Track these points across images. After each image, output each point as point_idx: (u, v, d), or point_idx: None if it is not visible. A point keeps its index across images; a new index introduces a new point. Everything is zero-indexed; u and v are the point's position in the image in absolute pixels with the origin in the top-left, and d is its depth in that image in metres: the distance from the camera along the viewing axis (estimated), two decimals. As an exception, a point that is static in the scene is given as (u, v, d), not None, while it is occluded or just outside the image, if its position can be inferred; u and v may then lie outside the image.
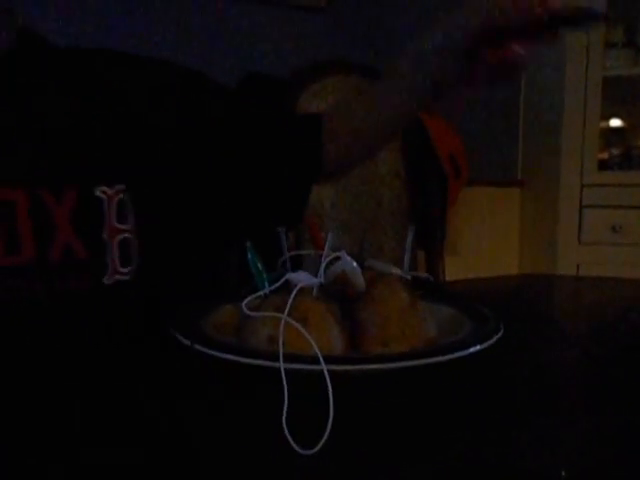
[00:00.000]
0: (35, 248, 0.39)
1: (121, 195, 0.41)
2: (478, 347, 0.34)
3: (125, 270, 0.42)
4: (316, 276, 0.36)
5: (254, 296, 0.37)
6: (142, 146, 0.44)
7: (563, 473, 0.24)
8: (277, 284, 0.37)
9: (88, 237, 0.40)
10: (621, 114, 1.70)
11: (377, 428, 0.29)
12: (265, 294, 0.37)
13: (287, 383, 0.29)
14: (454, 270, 1.31)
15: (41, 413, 0.30)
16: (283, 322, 0.32)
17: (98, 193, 0.41)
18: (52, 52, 0.45)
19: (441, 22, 0.38)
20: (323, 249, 0.37)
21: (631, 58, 1.55)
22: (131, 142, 0.44)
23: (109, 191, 0.41)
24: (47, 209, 0.39)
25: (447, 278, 1.13)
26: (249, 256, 0.37)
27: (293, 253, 0.40)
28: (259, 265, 0.38)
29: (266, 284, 0.37)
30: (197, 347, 0.33)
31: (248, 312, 0.35)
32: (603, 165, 1.61)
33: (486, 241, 1.73)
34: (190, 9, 1.27)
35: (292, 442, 0.25)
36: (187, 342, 0.34)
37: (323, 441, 0.25)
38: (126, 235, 0.42)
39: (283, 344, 0.31)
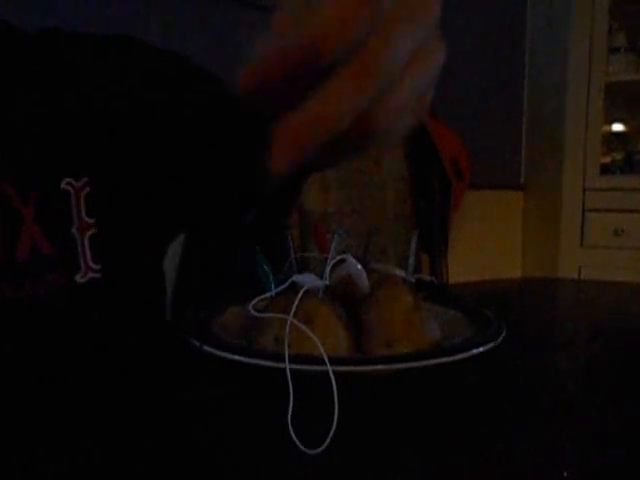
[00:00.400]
0: (0, 246, 0.35)
1: (88, 188, 0.39)
2: (481, 349, 0.34)
3: (97, 267, 0.39)
4: (322, 278, 0.37)
5: (261, 298, 0.37)
6: (110, 133, 0.41)
7: (565, 474, 0.24)
8: (283, 286, 0.37)
9: (55, 233, 0.37)
10: (623, 119, 1.70)
11: (381, 428, 0.29)
12: (271, 296, 0.38)
13: (293, 383, 0.29)
14: (457, 273, 1.31)
15: (43, 414, 0.30)
16: (289, 323, 0.32)
17: (64, 185, 0.38)
18: (19, 38, 0.42)
19: None
20: (328, 252, 0.38)
21: (634, 63, 1.56)
22: (99, 129, 0.41)
23: (76, 184, 0.38)
24: (11, 204, 0.36)
25: (450, 281, 1.13)
26: (256, 258, 0.38)
27: (299, 255, 0.40)
28: (266, 267, 0.38)
29: (272, 286, 0.38)
30: (206, 348, 0.33)
31: (255, 313, 0.36)
32: (605, 169, 1.61)
33: (489, 244, 1.73)
34: (187, 12, 1.27)
35: (297, 442, 0.26)
36: (196, 343, 0.34)
37: (328, 441, 0.25)
38: (95, 229, 0.39)
39: (289, 345, 0.31)
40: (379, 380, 0.34)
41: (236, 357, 0.32)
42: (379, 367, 0.32)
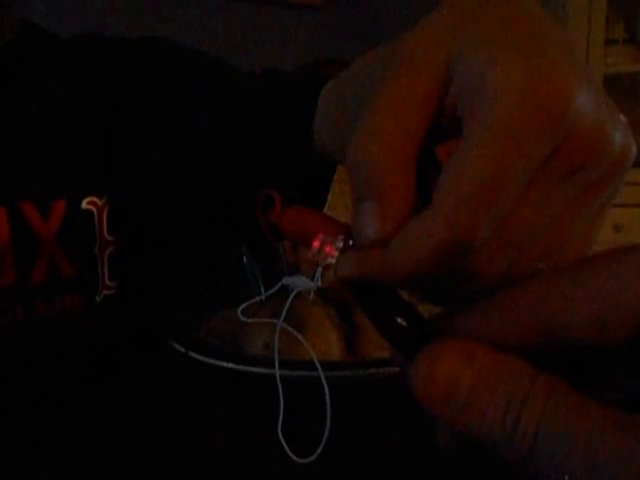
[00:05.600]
0: (17, 269, 0.35)
1: (108, 206, 0.38)
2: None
3: (112, 284, 0.39)
4: (313, 280, 0.36)
5: (250, 302, 0.37)
6: (141, 147, 0.40)
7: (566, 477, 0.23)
8: (273, 289, 0.37)
9: (77, 253, 0.37)
10: (622, 111, 1.67)
11: (375, 434, 0.28)
12: (261, 299, 0.37)
13: (283, 390, 0.28)
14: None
15: (38, 422, 0.29)
16: (279, 328, 0.31)
17: (85, 205, 0.37)
18: (54, 44, 0.41)
19: None
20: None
21: (632, 55, 1.54)
22: (128, 141, 0.40)
23: (99, 202, 0.38)
24: (31, 225, 0.35)
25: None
26: (245, 260, 0.37)
27: (289, 256, 0.39)
28: (255, 269, 0.37)
29: (262, 289, 0.37)
30: (192, 354, 0.33)
31: (244, 318, 0.35)
32: (605, 163, 1.59)
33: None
34: (183, 8, 1.27)
35: (288, 450, 0.25)
36: (182, 349, 0.33)
37: (320, 449, 0.24)
38: (113, 247, 0.38)
39: (279, 350, 0.30)
40: (373, 384, 0.33)
41: (224, 364, 0.31)
42: (373, 371, 0.31)
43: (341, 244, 0.17)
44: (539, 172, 0.14)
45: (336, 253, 0.17)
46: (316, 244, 0.17)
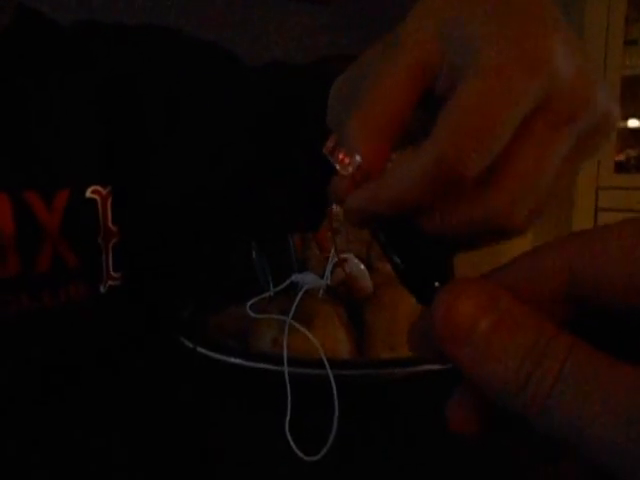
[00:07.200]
0: (20, 259, 0.35)
1: (112, 195, 0.38)
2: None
3: (117, 275, 0.38)
4: (322, 278, 0.36)
5: (259, 298, 0.36)
6: (145, 136, 0.40)
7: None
8: (282, 285, 0.36)
9: (81, 243, 0.37)
10: (639, 114, 1.66)
11: (382, 434, 0.28)
12: (270, 296, 0.37)
13: (291, 387, 0.28)
14: (464, 273, 1.29)
15: (43, 417, 0.29)
16: (288, 325, 0.31)
17: (89, 194, 0.37)
18: (55, 31, 0.41)
19: None
20: (329, 250, 0.36)
21: (651, 57, 1.52)
22: (138, 132, 0.40)
23: (103, 191, 0.38)
24: (35, 214, 0.35)
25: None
26: (254, 256, 0.37)
27: (299, 253, 0.39)
28: (264, 265, 0.37)
29: (271, 285, 0.37)
30: (200, 350, 0.32)
31: (253, 314, 0.35)
32: (620, 167, 1.57)
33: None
34: (193, 1, 1.27)
35: (295, 448, 0.25)
36: (190, 345, 0.33)
37: (327, 447, 0.24)
38: (118, 237, 0.38)
39: (287, 347, 0.30)
40: (382, 384, 0.33)
41: (232, 359, 0.31)
42: (382, 371, 0.31)
43: (358, 159, 0.17)
44: (532, 121, 0.16)
45: (349, 165, 0.17)
46: (330, 142, 0.17)
